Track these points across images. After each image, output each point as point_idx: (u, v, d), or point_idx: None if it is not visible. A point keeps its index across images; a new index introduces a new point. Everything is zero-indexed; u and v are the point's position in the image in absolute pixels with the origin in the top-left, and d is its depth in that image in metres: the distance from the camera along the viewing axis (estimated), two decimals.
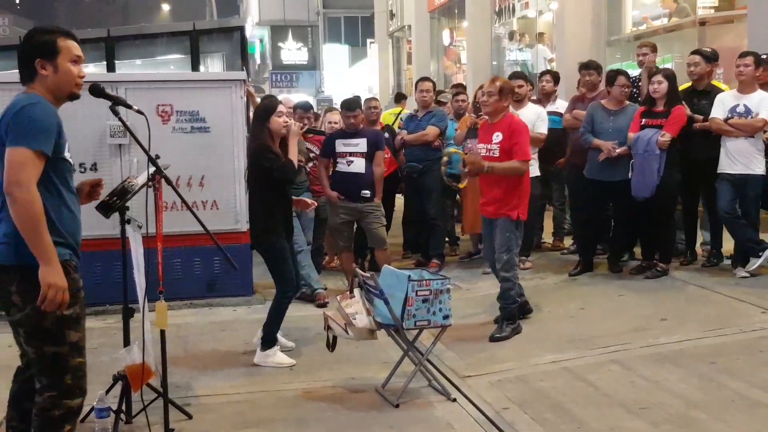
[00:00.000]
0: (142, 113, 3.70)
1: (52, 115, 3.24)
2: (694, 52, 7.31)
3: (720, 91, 7.04)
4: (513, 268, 5.71)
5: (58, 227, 3.26)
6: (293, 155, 5.37)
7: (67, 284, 3.16)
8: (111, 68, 10.82)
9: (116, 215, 3.98)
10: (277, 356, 5.35)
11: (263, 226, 5.37)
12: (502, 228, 5.64)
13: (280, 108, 5.43)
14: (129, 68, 11.49)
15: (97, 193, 3.80)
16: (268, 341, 5.37)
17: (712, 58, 7.29)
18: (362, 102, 7.88)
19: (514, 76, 8.22)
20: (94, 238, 3.59)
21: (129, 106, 3.73)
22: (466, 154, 5.75)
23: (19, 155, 3.12)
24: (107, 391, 4.22)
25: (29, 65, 3.32)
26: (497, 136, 5.62)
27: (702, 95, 7.07)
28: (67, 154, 3.34)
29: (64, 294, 3.15)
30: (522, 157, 5.57)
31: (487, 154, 5.67)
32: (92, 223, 3.64)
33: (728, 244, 7.11)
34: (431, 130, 7.87)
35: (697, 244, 7.50)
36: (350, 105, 7.21)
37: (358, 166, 6.99)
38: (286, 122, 5.40)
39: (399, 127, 8.58)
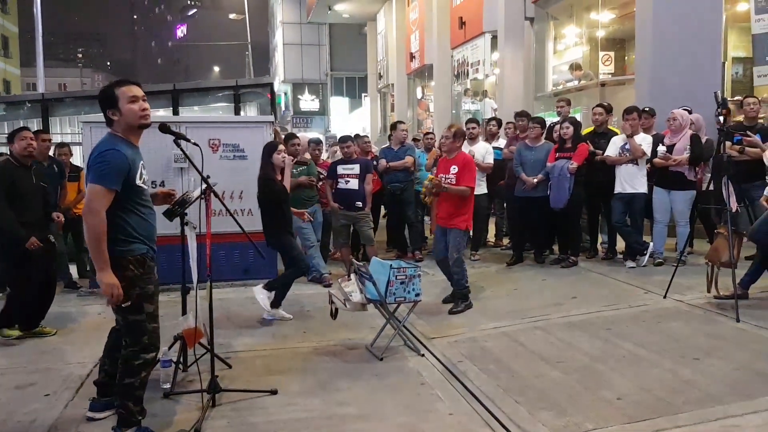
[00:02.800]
0: (197, 145, 3.66)
1: (123, 158, 3.16)
2: (597, 105, 7.37)
3: (614, 134, 7.08)
4: (462, 264, 5.66)
5: (136, 231, 3.27)
6: (286, 181, 5.44)
7: (117, 282, 3.13)
8: (176, 112, 10.77)
9: (177, 219, 3.95)
10: (280, 312, 5.47)
11: (271, 229, 5.40)
12: (454, 235, 5.60)
13: (280, 147, 5.49)
14: (189, 112, 11.43)
15: (170, 201, 3.80)
16: (276, 303, 5.47)
17: (609, 110, 7.35)
18: (356, 138, 7.94)
19: (470, 121, 8.28)
20: (161, 235, 3.54)
21: (188, 140, 3.68)
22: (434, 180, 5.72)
23: (94, 190, 3.11)
24: (169, 348, 4.20)
25: (105, 114, 3.29)
26: (453, 168, 5.61)
27: (601, 136, 7.11)
28: (139, 181, 3.27)
29: (118, 289, 3.13)
30: (468, 184, 5.55)
31: (446, 181, 5.64)
32: (160, 225, 3.60)
33: (621, 243, 7.13)
34: (409, 159, 7.90)
35: (598, 243, 7.51)
36: (343, 139, 7.49)
37: (353, 184, 6.99)
38: (284, 157, 5.44)
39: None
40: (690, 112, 6.81)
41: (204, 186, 3.77)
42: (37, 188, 5.30)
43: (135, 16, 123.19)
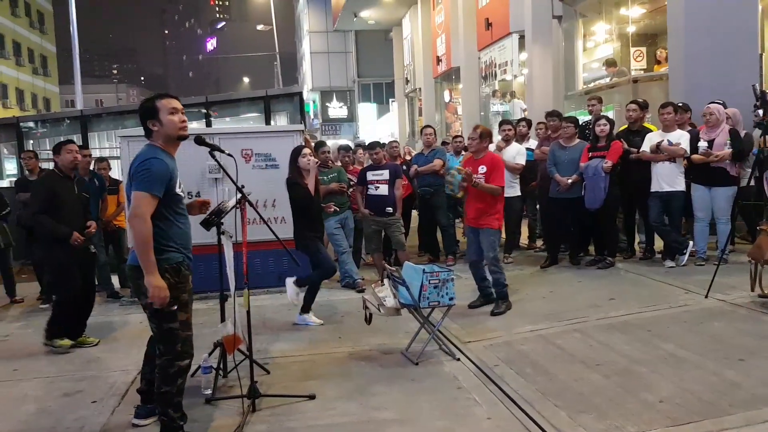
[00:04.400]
0: (231, 156, 3.72)
1: (165, 166, 3.26)
2: (632, 102, 7.24)
3: (649, 130, 6.95)
4: (498, 262, 5.68)
5: (172, 240, 3.34)
6: (310, 184, 5.45)
7: (165, 285, 3.20)
8: (208, 124, 10.96)
9: (214, 229, 4.02)
10: (310, 317, 5.55)
11: (298, 232, 5.52)
12: (487, 234, 5.60)
13: (305, 150, 5.53)
14: (221, 124, 11.60)
15: (206, 209, 3.87)
16: (305, 308, 5.55)
17: (644, 106, 7.24)
18: (384, 144, 8.05)
19: (504, 122, 8.24)
20: (199, 245, 3.60)
21: (222, 151, 3.74)
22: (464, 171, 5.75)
23: (140, 197, 3.20)
24: (209, 354, 4.26)
25: (145, 126, 3.37)
26: (482, 168, 5.63)
27: (636, 134, 6.99)
28: (178, 190, 3.36)
29: (164, 292, 3.20)
30: (498, 183, 5.58)
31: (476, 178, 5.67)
32: (198, 235, 3.66)
33: (659, 243, 7.00)
34: (438, 162, 7.87)
35: (635, 243, 7.39)
36: (371, 146, 7.55)
37: (383, 190, 7.00)
38: (309, 160, 5.47)
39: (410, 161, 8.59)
40: (725, 106, 6.67)
41: (239, 196, 3.84)
42: (79, 199, 5.43)
43: (166, 31, 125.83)
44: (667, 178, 6.52)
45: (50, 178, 5.40)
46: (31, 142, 12.03)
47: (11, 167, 13.99)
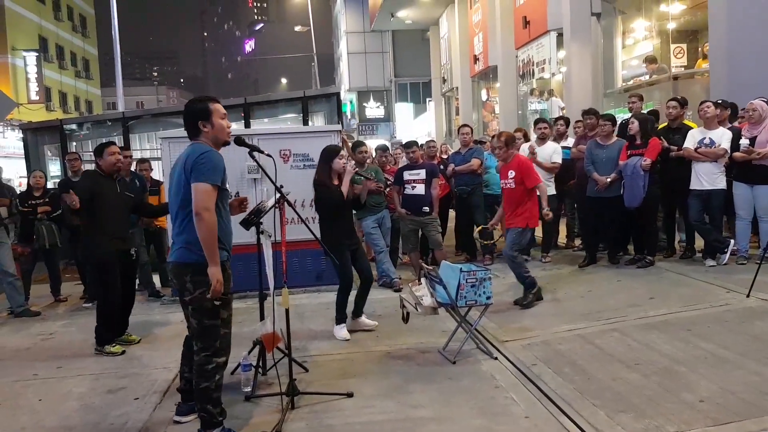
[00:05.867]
0: (270, 156, 3.80)
1: (221, 159, 3.38)
2: (671, 99, 7.13)
3: (689, 128, 6.83)
4: (514, 259, 5.86)
5: (221, 237, 3.41)
6: (345, 187, 5.18)
7: (223, 279, 3.31)
8: (247, 125, 11.11)
9: (253, 228, 4.11)
10: (341, 331, 5.31)
11: (326, 235, 5.13)
12: (511, 232, 5.89)
13: (342, 152, 5.33)
14: (259, 125, 11.73)
15: (244, 208, 3.95)
16: (337, 319, 5.38)
17: (684, 103, 7.11)
18: (420, 143, 8.10)
19: (540, 120, 8.20)
20: (238, 244, 3.69)
21: (261, 151, 3.82)
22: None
23: (203, 189, 3.28)
24: (249, 352, 4.36)
25: (194, 125, 3.46)
26: (511, 173, 5.87)
27: (676, 131, 6.88)
28: (227, 186, 3.48)
29: (222, 286, 3.30)
30: (535, 183, 5.82)
31: (506, 186, 5.95)
32: (237, 234, 3.76)
33: (699, 242, 6.87)
34: (475, 162, 7.88)
35: (676, 242, 7.26)
36: (408, 145, 7.58)
37: (420, 189, 7.04)
38: (345, 163, 5.27)
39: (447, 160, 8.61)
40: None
41: (278, 195, 3.92)
42: (122, 199, 5.44)
43: (205, 33, 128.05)
44: (708, 176, 6.40)
45: (92, 176, 5.44)
46: (74, 143, 12.33)
47: (54, 169, 14.36)
